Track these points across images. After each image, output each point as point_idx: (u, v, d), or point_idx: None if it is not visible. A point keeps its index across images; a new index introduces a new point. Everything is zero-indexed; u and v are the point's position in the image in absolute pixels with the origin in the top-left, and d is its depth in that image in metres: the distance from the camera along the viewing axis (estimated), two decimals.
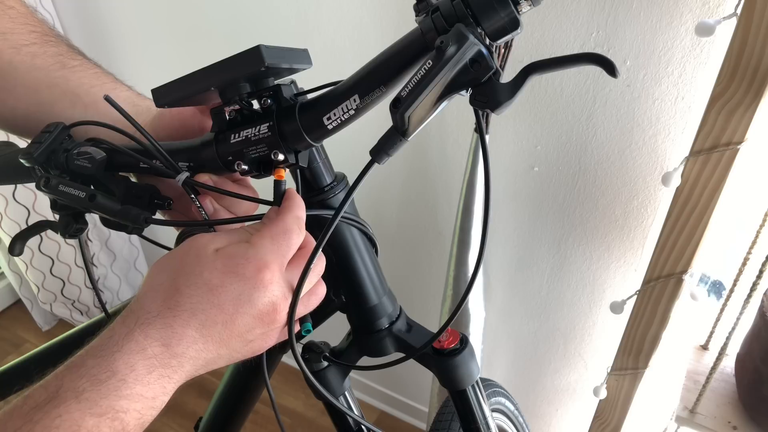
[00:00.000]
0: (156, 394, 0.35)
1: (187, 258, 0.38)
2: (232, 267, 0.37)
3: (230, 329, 0.37)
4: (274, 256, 0.39)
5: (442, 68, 0.34)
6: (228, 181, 0.49)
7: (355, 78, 0.40)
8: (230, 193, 0.46)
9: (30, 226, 0.56)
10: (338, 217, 0.40)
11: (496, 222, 1.03)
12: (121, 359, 0.34)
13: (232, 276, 0.37)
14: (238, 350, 0.39)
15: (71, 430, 0.31)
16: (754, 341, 0.71)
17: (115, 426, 0.33)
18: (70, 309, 1.83)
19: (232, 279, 0.37)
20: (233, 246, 0.38)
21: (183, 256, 0.38)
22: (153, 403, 0.35)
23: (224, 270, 0.37)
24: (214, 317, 0.36)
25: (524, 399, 1.23)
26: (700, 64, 0.72)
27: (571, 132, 0.86)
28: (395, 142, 0.37)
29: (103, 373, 0.33)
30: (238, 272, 0.37)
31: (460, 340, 0.56)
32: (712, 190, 0.64)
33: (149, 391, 0.34)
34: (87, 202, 0.44)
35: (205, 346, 0.36)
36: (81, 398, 0.32)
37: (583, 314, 1.03)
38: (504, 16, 0.34)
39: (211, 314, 0.36)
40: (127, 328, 0.35)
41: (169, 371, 0.35)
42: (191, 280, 0.37)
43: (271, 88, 0.43)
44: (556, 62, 0.34)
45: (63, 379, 0.33)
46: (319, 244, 0.40)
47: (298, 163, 0.44)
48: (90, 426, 0.32)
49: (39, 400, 0.32)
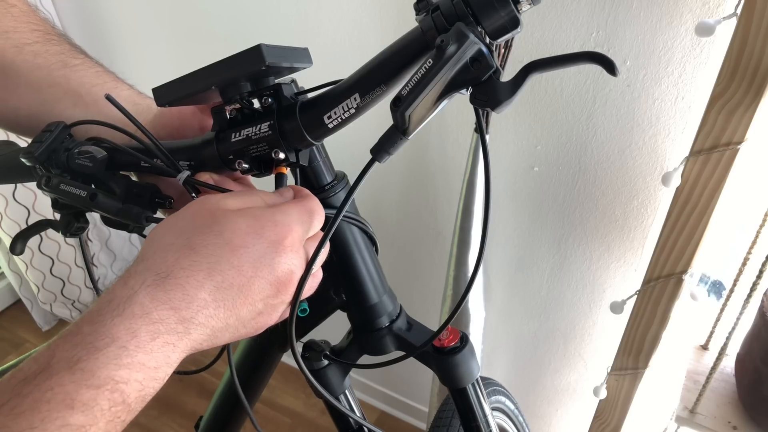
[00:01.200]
0: (159, 363, 0.32)
1: (200, 217, 0.35)
2: (257, 228, 0.35)
3: (245, 294, 0.35)
4: (299, 227, 0.38)
5: (442, 67, 0.34)
6: (229, 179, 0.49)
7: (355, 77, 0.41)
8: (231, 191, 0.46)
9: (31, 225, 0.56)
10: (342, 213, 0.40)
11: (496, 222, 1.03)
12: (121, 324, 0.31)
13: (256, 237, 0.35)
14: (245, 322, 0.36)
15: (65, 403, 0.28)
16: (754, 341, 0.71)
17: (115, 398, 0.30)
18: (70, 309, 1.83)
19: (255, 240, 0.35)
20: (258, 209, 0.37)
21: (195, 216, 0.36)
22: (155, 374, 0.32)
23: (248, 230, 0.35)
24: (231, 279, 0.34)
25: (524, 399, 1.23)
26: (700, 64, 0.72)
27: (571, 132, 0.86)
28: (396, 141, 0.37)
29: (100, 340, 0.30)
30: (263, 234, 0.35)
31: (461, 338, 0.56)
32: (712, 190, 0.64)
33: (152, 360, 0.31)
34: (88, 201, 0.44)
35: (215, 311, 0.34)
36: (75, 369, 0.29)
37: (583, 314, 1.03)
38: (504, 14, 0.34)
39: (228, 275, 0.34)
40: (130, 290, 0.32)
41: (174, 338, 0.32)
42: (209, 239, 0.34)
43: (272, 87, 0.43)
44: (556, 61, 0.35)
45: (56, 350, 0.30)
46: (331, 227, 0.40)
47: (298, 162, 0.44)
48: (86, 399, 0.29)
49: (29, 373, 0.29)
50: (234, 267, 0.34)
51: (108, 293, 0.33)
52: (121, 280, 0.33)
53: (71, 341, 0.30)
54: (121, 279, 0.34)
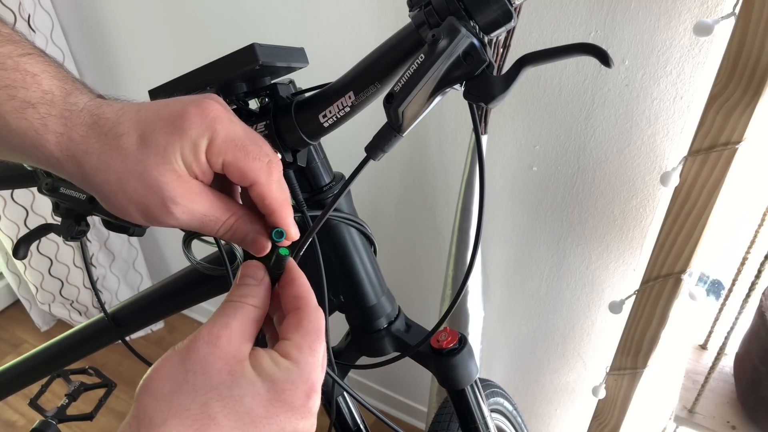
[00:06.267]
0: None
1: (216, 373, 0.30)
2: (278, 394, 0.31)
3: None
4: (318, 374, 0.33)
5: (434, 62, 0.33)
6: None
7: (350, 75, 0.40)
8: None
9: (33, 230, 0.56)
10: (328, 212, 0.39)
11: (495, 222, 1.03)
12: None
13: (279, 405, 0.31)
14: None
15: None
16: (753, 341, 0.71)
17: None
18: (68, 309, 1.83)
19: (279, 409, 0.31)
20: (274, 368, 0.32)
21: (209, 371, 0.30)
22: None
23: (269, 398, 0.31)
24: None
25: (523, 398, 1.23)
26: (698, 63, 0.72)
27: (570, 132, 0.86)
28: (390, 138, 0.36)
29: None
30: (286, 401, 0.31)
31: (459, 339, 0.56)
32: (711, 190, 0.64)
33: None
34: (88, 204, 0.44)
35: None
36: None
37: (582, 314, 1.03)
38: (497, 8, 0.34)
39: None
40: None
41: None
42: (229, 407, 0.30)
43: (268, 87, 0.43)
44: (550, 53, 0.34)
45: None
46: (317, 225, 0.39)
47: (296, 163, 0.44)
48: None
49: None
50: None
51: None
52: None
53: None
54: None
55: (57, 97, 0.33)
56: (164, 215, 0.33)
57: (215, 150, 0.33)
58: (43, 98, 0.32)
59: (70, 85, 0.34)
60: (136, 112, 0.33)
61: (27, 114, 0.32)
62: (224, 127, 0.33)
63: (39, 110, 0.32)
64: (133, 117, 0.33)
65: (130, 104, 0.34)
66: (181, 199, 0.33)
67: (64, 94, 0.33)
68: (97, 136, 0.33)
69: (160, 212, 0.33)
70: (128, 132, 0.33)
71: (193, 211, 0.33)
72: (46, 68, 0.33)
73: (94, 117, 0.33)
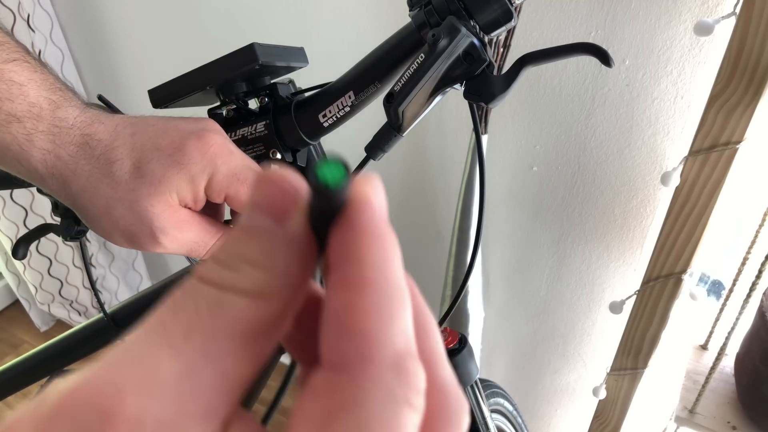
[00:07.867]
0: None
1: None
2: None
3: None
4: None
5: (434, 61, 0.33)
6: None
7: (349, 75, 0.40)
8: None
9: (33, 230, 0.56)
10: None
11: (495, 222, 1.03)
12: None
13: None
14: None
15: None
16: (754, 341, 0.71)
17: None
18: (68, 309, 1.83)
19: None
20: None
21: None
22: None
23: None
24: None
25: (523, 399, 1.23)
26: (699, 63, 0.72)
27: (570, 131, 0.86)
28: (390, 138, 0.36)
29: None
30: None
31: (459, 340, 0.56)
32: (711, 190, 0.64)
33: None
34: None
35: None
36: None
37: (583, 314, 1.03)
38: (497, 8, 0.34)
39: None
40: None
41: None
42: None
43: (268, 87, 0.42)
44: (550, 53, 0.34)
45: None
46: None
47: (296, 163, 0.44)
48: None
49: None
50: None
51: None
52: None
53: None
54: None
55: (45, 111, 0.32)
56: (152, 244, 0.33)
57: (217, 186, 0.33)
58: (30, 111, 0.31)
59: (58, 95, 0.33)
60: (131, 136, 0.32)
61: (12, 128, 0.31)
62: (225, 162, 0.33)
63: (25, 125, 0.31)
64: (128, 142, 0.32)
65: (124, 123, 0.33)
66: (171, 229, 0.32)
67: (53, 107, 0.32)
68: (87, 158, 0.32)
69: (147, 241, 0.33)
70: (122, 159, 0.32)
71: (182, 239, 0.33)
72: (31, 76, 0.32)
73: (85, 137, 0.32)
